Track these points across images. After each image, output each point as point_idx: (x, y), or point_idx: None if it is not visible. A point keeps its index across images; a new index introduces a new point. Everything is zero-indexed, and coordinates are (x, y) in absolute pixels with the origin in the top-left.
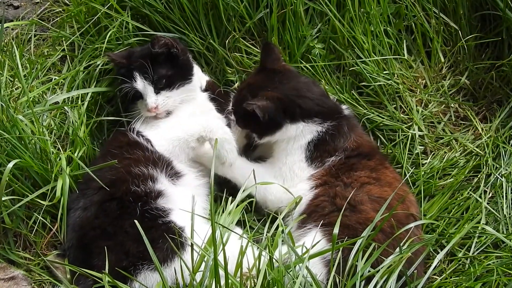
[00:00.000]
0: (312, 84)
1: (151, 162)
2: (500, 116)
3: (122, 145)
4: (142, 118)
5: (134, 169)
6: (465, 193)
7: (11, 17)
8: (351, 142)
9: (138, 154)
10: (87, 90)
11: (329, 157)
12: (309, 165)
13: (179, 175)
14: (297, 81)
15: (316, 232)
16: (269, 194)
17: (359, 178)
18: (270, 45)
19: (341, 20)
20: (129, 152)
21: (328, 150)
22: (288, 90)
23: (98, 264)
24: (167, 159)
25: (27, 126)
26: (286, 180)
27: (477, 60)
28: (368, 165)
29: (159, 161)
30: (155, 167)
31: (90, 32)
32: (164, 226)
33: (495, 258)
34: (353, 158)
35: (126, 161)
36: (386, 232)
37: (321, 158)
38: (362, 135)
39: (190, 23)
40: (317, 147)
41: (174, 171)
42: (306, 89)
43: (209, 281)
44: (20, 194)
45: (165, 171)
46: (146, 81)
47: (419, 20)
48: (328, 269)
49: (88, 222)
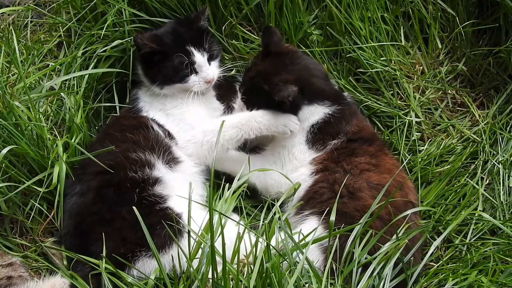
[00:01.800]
0: (319, 66)
1: (149, 147)
2: (497, 102)
3: (124, 128)
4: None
5: (131, 154)
6: (462, 180)
7: (7, 3)
8: (352, 126)
9: (139, 138)
10: (84, 72)
11: (331, 140)
12: (309, 148)
13: (177, 161)
14: (306, 61)
15: (314, 219)
16: (269, 179)
17: (359, 164)
18: (271, 29)
19: (338, 6)
20: (132, 134)
21: (331, 133)
22: (301, 70)
23: (96, 250)
24: (166, 144)
25: (24, 113)
26: (285, 164)
27: (474, 46)
28: (369, 151)
29: (157, 146)
30: (153, 153)
31: (87, 18)
32: (162, 213)
33: (492, 244)
34: (355, 143)
35: (124, 145)
36: (384, 219)
37: (323, 141)
38: (362, 121)
39: (187, 9)
40: (321, 130)
41: (172, 156)
42: (315, 68)
43: (206, 268)
44: (16, 181)
45: (163, 157)
46: (201, 53)
47: (416, 6)
48: (324, 256)
49: (85, 208)
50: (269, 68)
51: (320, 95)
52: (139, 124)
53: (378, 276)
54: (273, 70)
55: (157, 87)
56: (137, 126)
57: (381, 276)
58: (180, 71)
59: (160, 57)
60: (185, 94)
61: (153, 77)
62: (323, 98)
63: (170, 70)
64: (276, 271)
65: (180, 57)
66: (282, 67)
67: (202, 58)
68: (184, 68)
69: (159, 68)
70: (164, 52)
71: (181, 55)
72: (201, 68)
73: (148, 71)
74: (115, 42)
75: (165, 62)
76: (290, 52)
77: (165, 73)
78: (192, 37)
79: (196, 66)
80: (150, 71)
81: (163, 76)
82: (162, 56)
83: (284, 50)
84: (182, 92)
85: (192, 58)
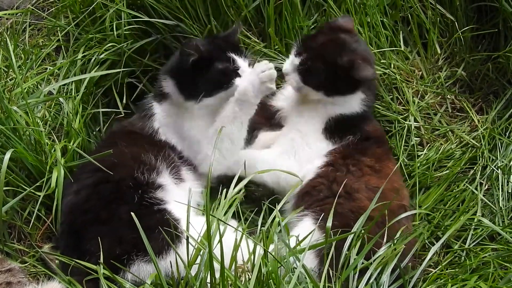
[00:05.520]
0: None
1: (160, 157)
2: (496, 107)
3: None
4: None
5: (142, 156)
6: (461, 185)
7: (6, 6)
8: (369, 126)
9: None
10: (82, 77)
11: (349, 136)
12: (326, 138)
13: (181, 181)
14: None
15: (309, 220)
16: (282, 174)
17: (364, 166)
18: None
19: (337, 11)
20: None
21: (352, 128)
22: (367, 53)
23: (90, 249)
24: (175, 161)
25: (22, 117)
26: (297, 152)
27: (473, 51)
28: (376, 153)
29: (168, 160)
30: (162, 163)
31: (85, 22)
32: (160, 214)
33: (491, 250)
34: (367, 141)
35: (136, 148)
36: (378, 222)
37: (342, 135)
38: (375, 121)
39: (190, 12)
40: (345, 122)
41: (178, 176)
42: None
43: (204, 274)
44: (14, 186)
45: (170, 172)
46: (243, 58)
47: (416, 11)
48: (319, 260)
49: (78, 205)
50: (341, 41)
51: (366, 83)
52: (152, 141)
53: (376, 283)
54: (344, 46)
55: (194, 100)
56: (150, 143)
57: (379, 282)
58: (226, 75)
59: (205, 65)
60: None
61: (194, 90)
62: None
63: (216, 76)
64: (274, 278)
65: (225, 63)
66: (352, 44)
67: (244, 63)
68: (230, 74)
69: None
70: (208, 59)
71: (225, 61)
72: (243, 73)
73: (186, 86)
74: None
75: (209, 70)
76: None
77: (211, 81)
78: (230, 46)
79: (240, 71)
80: (190, 84)
81: (208, 84)
82: (206, 64)
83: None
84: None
85: (236, 63)
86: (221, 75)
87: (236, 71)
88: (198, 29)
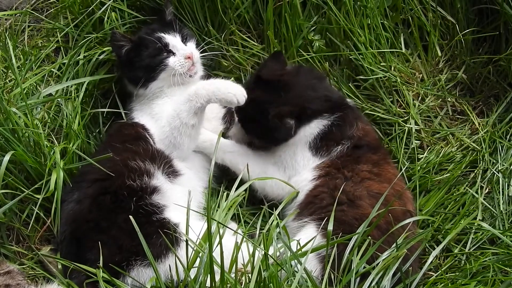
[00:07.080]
0: (316, 81)
1: (149, 158)
2: (497, 111)
3: (126, 139)
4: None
5: (130, 162)
6: (462, 189)
7: (5, 7)
8: (358, 130)
9: (139, 148)
10: (82, 80)
11: (336, 146)
12: (313, 155)
13: (177, 174)
14: (300, 86)
15: (312, 226)
16: (269, 181)
17: (361, 172)
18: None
19: (338, 13)
20: (132, 145)
21: (334, 139)
22: (295, 98)
23: (91, 258)
24: (166, 156)
25: (21, 119)
26: (287, 168)
27: (474, 54)
28: (372, 159)
29: (158, 157)
30: (153, 163)
31: (84, 23)
32: (158, 223)
33: (491, 254)
34: (360, 149)
35: (125, 154)
36: (382, 228)
37: (327, 147)
38: (367, 124)
39: (188, 12)
40: (322, 138)
41: (172, 169)
42: (311, 89)
43: (203, 277)
44: (13, 188)
45: (163, 169)
46: (172, 35)
47: (416, 14)
48: (322, 265)
49: (81, 215)
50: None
51: (318, 113)
52: (138, 135)
53: (377, 286)
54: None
55: (143, 87)
56: (137, 137)
57: (380, 286)
58: (156, 55)
59: (135, 52)
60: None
61: (136, 77)
62: (321, 113)
63: (146, 58)
64: (274, 281)
65: (153, 43)
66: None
67: (174, 38)
68: (160, 53)
69: (137, 62)
70: (138, 45)
71: (153, 40)
72: (176, 48)
73: (130, 74)
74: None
75: (140, 54)
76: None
77: (144, 64)
78: (161, 26)
79: (171, 47)
80: (132, 73)
81: (144, 69)
82: (136, 50)
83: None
84: (168, 83)
85: (164, 40)
86: (149, 57)
87: (166, 49)
88: (196, 31)
